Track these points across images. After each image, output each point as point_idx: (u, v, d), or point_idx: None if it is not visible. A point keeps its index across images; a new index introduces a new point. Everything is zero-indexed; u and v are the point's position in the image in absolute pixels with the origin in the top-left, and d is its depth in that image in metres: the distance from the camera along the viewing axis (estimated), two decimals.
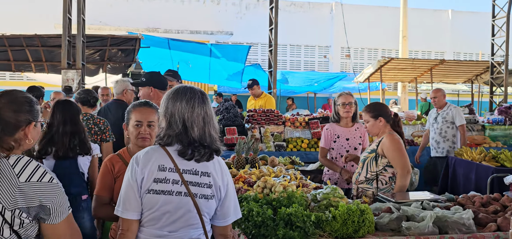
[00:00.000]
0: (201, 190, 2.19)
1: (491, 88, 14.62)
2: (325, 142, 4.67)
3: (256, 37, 20.72)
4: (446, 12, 23.41)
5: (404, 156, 3.69)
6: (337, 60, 22.90)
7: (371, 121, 3.85)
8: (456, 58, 20.45)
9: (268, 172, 4.38)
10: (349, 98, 4.61)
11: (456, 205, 3.28)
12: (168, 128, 2.19)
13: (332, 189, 3.18)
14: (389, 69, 14.97)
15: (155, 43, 13.98)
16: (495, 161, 5.83)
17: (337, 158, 4.62)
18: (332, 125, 4.71)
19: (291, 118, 7.99)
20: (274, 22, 11.99)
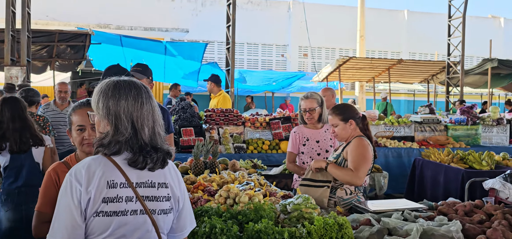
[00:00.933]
0: (159, 205, 1.83)
1: (447, 88, 14.82)
2: (293, 146, 4.32)
3: (212, 35, 20.28)
4: (402, 12, 23.76)
5: (366, 164, 3.30)
6: (295, 60, 22.77)
7: (341, 125, 3.48)
8: (411, 58, 20.73)
9: (229, 178, 3.97)
10: (311, 103, 4.26)
11: (438, 214, 2.99)
12: (115, 132, 1.77)
13: (303, 199, 2.80)
14: (347, 69, 14.89)
15: (106, 40, 13.30)
16: (463, 163, 5.67)
17: (308, 162, 4.26)
18: (300, 128, 4.36)
19: (251, 118, 7.61)
20: (232, 19, 11.60)
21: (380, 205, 3.03)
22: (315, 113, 4.28)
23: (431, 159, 5.91)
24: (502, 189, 3.34)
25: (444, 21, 15.13)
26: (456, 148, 7.42)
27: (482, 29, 23.73)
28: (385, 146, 7.62)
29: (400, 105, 21.72)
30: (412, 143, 7.90)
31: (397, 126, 8.19)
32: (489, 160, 5.47)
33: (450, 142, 7.83)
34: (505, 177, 3.45)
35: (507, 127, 8.68)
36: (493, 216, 2.91)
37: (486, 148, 7.91)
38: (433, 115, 8.56)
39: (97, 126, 1.84)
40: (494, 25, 25.77)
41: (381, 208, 2.92)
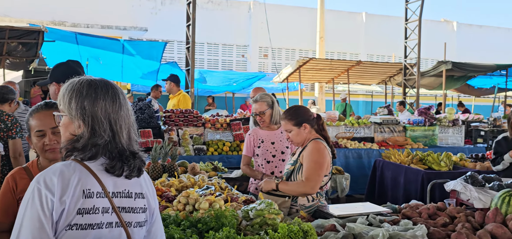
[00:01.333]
0: (135, 217, 1.67)
1: (404, 89, 15.13)
2: (247, 149, 4.19)
3: (172, 34, 19.96)
4: (361, 14, 24.15)
5: (319, 170, 3.14)
6: (255, 60, 22.74)
7: (295, 130, 3.26)
8: (370, 60, 21.10)
9: (189, 181, 3.82)
10: (260, 106, 4.15)
11: (403, 218, 2.95)
12: (91, 135, 1.59)
13: (266, 204, 2.69)
14: (308, 70, 14.96)
15: (61, 37, 12.79)
16: (422, 164, 5.73)
17: (263, 164, 4.15)
18: (256, 130, 4.23)
19: (212, 119, 7.46)
20: (192, 18, 11.41)
21: (344, 209, 2.96)
22: (265, 116, 4.17)
23: (391, 160, 5.95)
24: (463, 191, 3.35)
25: (401, 24, 15.46)
26: (415, 149, 7.54)
27: (437, 33, 24.47)
28: (345, 147, 7.65)
29: (358, 106, 22.06)
30: (372, 143, 7.96)
31: (357, 127, 8.24)
32: (447, 161, 5.55)
33: (408, 142, 7.95)
34: (466, 178, 3.47)
35: (462, 127, 8.90)
36: (456, 218, 2.90)
37: (442, 148, 8.08)
38: (392, 116, 8.68)
39: (66, 128, 1.65)
40: (447, 29, 26.62)
41: (345, 212, 2.86)
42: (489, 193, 3.23)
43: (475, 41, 26.65)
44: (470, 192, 3.28)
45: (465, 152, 8.01)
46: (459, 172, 5.37)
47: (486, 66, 15.05)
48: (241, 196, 3.44)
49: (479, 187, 3.36)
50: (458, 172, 5.37)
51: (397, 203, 5.73)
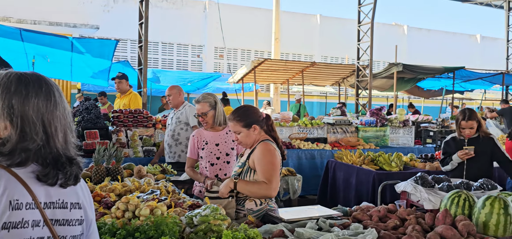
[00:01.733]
0: (70, 230, 1.47)
1: (356, 90, 15.36)
2: (191, 151, 4.05)
3: (125, 33, 19.45)
4: (315, 16, 24.39)
5: (277, 171, 3.03)
6: (210, 60, 22.52)
7: (244, 131, 3.10)
8: (324, 61, 21.33)
9: (133, 185, 3.61)
10: (202, 107, 4.03)
11: (353, 221, 2.88)
12: (21, 138, 1.37)
13: (212, 209, 2.55)
14: (263, 70, 14.92)
15: (4, 34, 12.11)
16: (374, 164, 5.74)
17: (207, 167, 4.00)
18: (200, 131, 4.09)
19: (163, 120, 7.22)
20: (145, 16, 11.11)
21: (294, 213, 2.86)
22: (208, 117, 4.05)
23: (343, 161, 5.94)
24: (413, 192, 3.33)
25: (354, 27, 15.68)
26: (367, 149, 7.59)
27: (388, 36, 25.06)
28: (298, 148, 7.60)
29: (313, 107, 22.27)
30: (325, 144, 7.96)
31: (310, 127, 8.22)
32: (398, 161, 5.59)
33: (360, 143, 8.00)
34: (416, 179, 3.45)
35: (412, 128, 9.07)
36: (407, 221, 2.85)
37: (393, 148, 8.20)
38: (345, 117, 8.72)
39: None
40: (398, 32, 27.34)
41: (295, 216, 2.75)
42: (439, 194, 3.21)
43: (424, 45, 27.52)
44: (420, 193, 3.26)
45: (415, 152, 8.15)
46: (410, 172, 5.42)
47: (435, 68, 15.50)
48: (187, 200, 3.28)
49: (429, 188, 3.35)
50: (409, 172, 5.42)
51: (349, 204, 5.73)
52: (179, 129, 5.67)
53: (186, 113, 5.68)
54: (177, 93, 5.78)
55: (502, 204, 2.80)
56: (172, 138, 5.70)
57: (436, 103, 23.13)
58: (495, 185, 3.43)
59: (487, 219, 2.80)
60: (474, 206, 2.94)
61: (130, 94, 7.69)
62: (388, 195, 4.91)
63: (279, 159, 3.11)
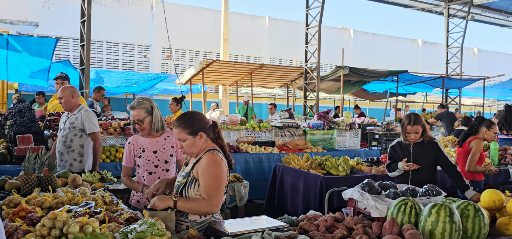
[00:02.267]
0: None
1: (304, 93, 15.47)
2: (127, 160, 3.77)
3: (67, 31, 18.64)
4: (264, 18, 24.43)
5: (221, 186, 2.84)
6: (157, 61, 22.02)
7: (189, 139, 2.89)
8: (272, 64, 21.37)
9: (66, 197, 3.34)
10: (138, 114, 3.74)
11: (300, 231, 2.76)
12: None
13: (149, 224, 2.35)
14: (211, 72, 14.72)
15: None
16: (321, 168, 5.70)
17: (144, 176, 3.75)
18: (136, 137, 3.80)
19: (104, 123, 6.88)
20: (87, 14, 10.64)
21: (239, 225, 2.70)
22: (144, 124, 3.76)
23: (291, 165, 5.86)
24: (360, 199, 3.27)
25: (302, 29, 15.79)
26: (314, 153, 7.58)
27: (335, 39, 25.51)
28: (246, 152, 7.47)
29: (261, 109, 22.28)
30: (273, 147, 7.88)
31: (258, 130, 8.12)
32: (345, 166, 5.58)
33: (308, 146, 7.98)
34: (363, 186, 3.40)
35: (358, 131, 9.18)
36: (354, 231, 2.78)
37: (341, 151, 8.25)
38: (293, 120, 8.69)
39: None
40: (345, 36, 27.90)
41: (240, 229, 2.60)
42: (386, 201, 3.17)
43: (369, 48, 28.25)
44: (367, 200, 3.21)
45: (361, 155, 8.24)
46: (356, 177, 5.42)
47: (379, 72, 15.88)
48: (125, 212, 3.04)
49: (375, 195, 3.31)
50: (355, 177, 5.42)
51: (297, 209, 5.66)
52: (72, 135, 5.16)
53: (81, 118, 5.18)
54: (70, 95, 5.22)
55: (448, 211, 2.78)
56: (64, 145, 5.18)
57: (381, 106, 23.77)
58: (439, 190, 3.44)
59: (433, 227, 2.77)
60: (420, 214, 2.91)
61: None
62: (335, 199, 4.87)
63: (226, 170, 2.92)
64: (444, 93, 18.89)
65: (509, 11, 23.91)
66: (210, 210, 2.83)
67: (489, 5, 22.87)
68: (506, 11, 23.77)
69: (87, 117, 5.18)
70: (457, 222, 2.79)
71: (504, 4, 23.18)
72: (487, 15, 24.55)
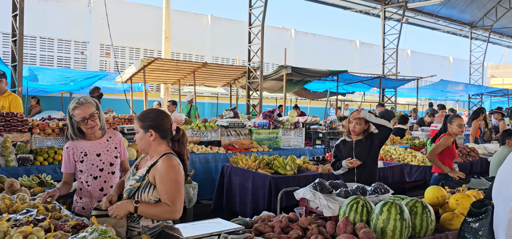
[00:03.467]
0: None
1: (248, 92, 15.50)
2: (66, 166, 3.52)
3: None
4: (207, 17, 24.25)
5: (181, 191, 2.76)
6: (96, 58, 21.26)
7: (140, 133, 2.86)
8: (215, 62, 21.27)
9: (3, 204, 3.11)
10: (89, 108, 3.48)
11: (256, 233, 2.74)
12: None
13: (100, 232, 2.23)
14: (153, 70, 14.40)
15: None
16: (269, 168, 5.72)
17: (88, 181, 3.53)
18: (75, 142, 3.52)
19: (41, 124, 6.50)
20: (19, 7, 10.05)
21: (193, 229, 2.63)
22: (96, 119, 3.50)
23: (239, 165, 5.83)
24: (312, 199, 3.29)
25: (245, 29, 15.83)
26: (260, 152, 7.60)
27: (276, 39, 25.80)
28: (192, 152, 7.35)
29: (204, 108, 22.11)
30: (219, 147, 7.81)
31: (204, 130, 8.02)
32: (292, 165, 5.63)
33: (254, 145, 7.99)
34: (314, 186, 3.43)
35: (302, 130, 9.31)
36: (309, 231, 2.79)
37: (286, 150, 8.32)
38: (238, 119, 8.67)
39: None
40: (286, 36, 28.30)
41: (195, 233, 2.53)
42: (337, 200, 3.22)
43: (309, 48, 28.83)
44: (319, 199, 3.24)
45: (306, 154, 8.36)
46: (304, 176, 5.48)
47: (320, 71, 16.23)
48: (71, 219, 2.88)
49: (327, 194, 3.35)
50: (303, 176, 5.48)
51: (245, 208, 5.64)
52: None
53: None
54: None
55: (398, 209, 2.87)
56: None
57: (321, 105, 24.34)
58: (387, 188, 3.54)
59: (385, 225, 2.84)
60: (372, 212, 2.97)
61: (10, 96, 6.76)
62: (284, 198, 4.89)
63: (183, 175, 2.83)
64: (380, 93, 19.64)
65: (439, 15, 25.26)
66: (174, 216, 2.73)
67: (422, 9, 24.06)
68: (437, 15, 25.11)
69: None
70: (407, 219, 2.88)
71: (435, 8, 24.49)
72: (419, 18, 25.80)
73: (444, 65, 38.50)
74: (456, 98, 28.94)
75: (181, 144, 2.91)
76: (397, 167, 6.74)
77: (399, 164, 6.86)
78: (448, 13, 25.49)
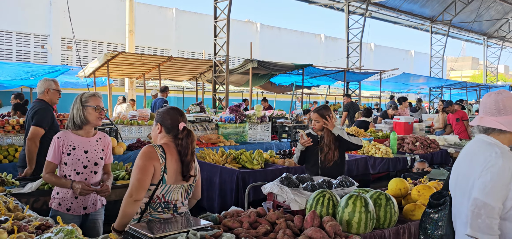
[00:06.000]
0: None
1: (214, 86, 15.45)
2: (54, 156, 3.51)
3: None
4: (171, 10, 23.97)
5: (139, 176, 2.79)
6: (57, 52, 20.70)
7: (153, 124, 3.10)
8: (180, 56, 21.07)
9: None
10: (100, 102, 3.66)
11: (224, 229, 2.76)
12: None
13: (66, 232, 2.20)
14: (117, 64, 14.13)
15: None
16: (236, 162, 5.73)
17: (71, 175, 3.52)
18: (66, 133, 3.57)
19: (1, 121, 6.31)
20: None
21: (164, 226, 2.62)
22: (104, 114, 3.69)
23: (206, 160, 5.82)
24: (280, 193, 3.33)
25: (211, 22, 15.74)
26: (227, 147, 7.60)
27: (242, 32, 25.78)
28: None
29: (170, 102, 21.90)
30: None
31: None
32: (259, 159, 5.66)
33: (221, 140, 7.98)
34: (281, 180, 3.47)
35: (269, 124, 9.36)
36: (277, 225, 2.83)
37: (253, 144, 8.35)
38: (205, 114, 8.64)
39: None
40: (251, 29, 28.31)
41: (163, 231, 2.52)
42: (304, 194, 3.27)
43: (275, 42, 28.95)
44: (286, 194, 3.28)
45: (273, 148, 8.41)
46: (271, 170, 5.52)
47: (286, 65, 16.33)
48: (34, 219, 2.82)
49: (294, 188, 3.39)
50: (270, 170, 5.52)
51: (213, 203, 5.64)
52: None
53: None
54: None
55: (363, 202, 2.94)
56: None
57: (286, 98, 24.52)
58: (352, 181, 3.61)
59: (350, 217, 2.91)
60: (337, 205, 3.04)
61: None
62: (251, 192, 4.92)
63: (161, 164, 2.82)
64: (345, 86, 19.93)
65: (401, 10, 25.83)
66: (129, 202, 2.78)
67: (384, 3, 24.53)
68: (399, 9, 25.67)
69: None
70: (371, 211, 2.96)
71: (397, 3, 25.02)
72: (382, 12, 26.30)
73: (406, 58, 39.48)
74: (417, 91, 29.71)
75: (184, 143, 2.94)
76: (362, 159, 6.88)
77: (363, 156, 6.99)
78: (410, 8, 26.09)
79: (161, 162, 2.84)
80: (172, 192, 2.89)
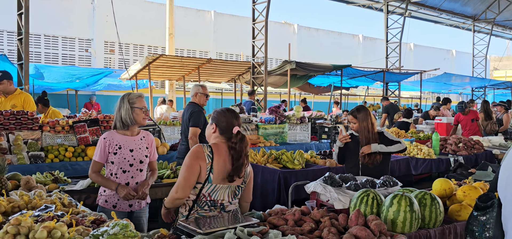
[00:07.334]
0: None
1: (252, 87, 15.55)
2: (101, 155, 3.65)
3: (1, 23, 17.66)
4: (210, 13, 24.28)
5: (185, 174, 2.93)
6: (100, 55, 21.36)
7: (209, 123, 3.23)
8: (218, 58, 21.30)
9: (21, 200, 3.18)
10: (144, 103, 3.83)
11: (270, 227, 2.81)
12: None
13: (121, 226, 2.31)
14: (157, 67, 14.47)
15: None
16: (277, 162, 5.79)
17: (117, 174, 3.65)
18: (112, 133, 3.71)
19: (51, 121, 6.59)
20: (25, 6, 10.12)
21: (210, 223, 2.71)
22: (148, 114, 3.92)
23: None
24: (323, 192, 3.36)
25: (249, 24, 15.86)
26: (268, 147, 7.66)
27: (279, 34, 25.80)
28: None
29: (209, 104, 22.20)
30: None
31: None
32: (300, 159, 5.70)
33: (261, 140, 8.06)
34: (325, 179, 3.49)
35: (308, 124, 9.37)
36: (322, 223, 2.86)
37: (293, 145, 8.38)
38: (245, 114, 8.73)
39: None
40: (289, 31, 28.29)
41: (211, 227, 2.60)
42: (347, 193, 3.28)
43: (313, 43, 28.81)
44: (330, 193, 3.30)
45: (313, 148, 8.42)
46: (312, 170, 5.55)
47: (324, 66, 16.27)
48: (88, 214, 2.96)
49: (337, 187, 3.41)
50: (311, 170, 5.54)
51: (255, 202, 5.71)
52: None
53: None
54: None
55: (408, 201, 2.93)
56: None
57: (325, 99, 24.37)
58: (396, 181, 3.60)
59: (395, 216, 2.91)
60: (382, 205, 3.04)
61: (21, 95, 6.73)
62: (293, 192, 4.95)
63: (200, 162, 2.93)
64: (384, 87, 19.64)
65: (442, 9, 25.21)
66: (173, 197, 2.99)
67: (424, 2, 24.00)
68: (439, 8, 25.06)
69: None
70: (416, 211, 2.94)
71: (437, 2, 24.44)
72: (422, 12, 25.74)
73: (447, 58, 38.46)
74: (459, 91, 28.91)
75: (238, 147, 3.04)
76: (404, 160, 6.79)
77: (405, 157, 6.90)
78: (451, 6, 25.42)
79: (208, 161, 2.93)
80: (218, 191, 2.97)
